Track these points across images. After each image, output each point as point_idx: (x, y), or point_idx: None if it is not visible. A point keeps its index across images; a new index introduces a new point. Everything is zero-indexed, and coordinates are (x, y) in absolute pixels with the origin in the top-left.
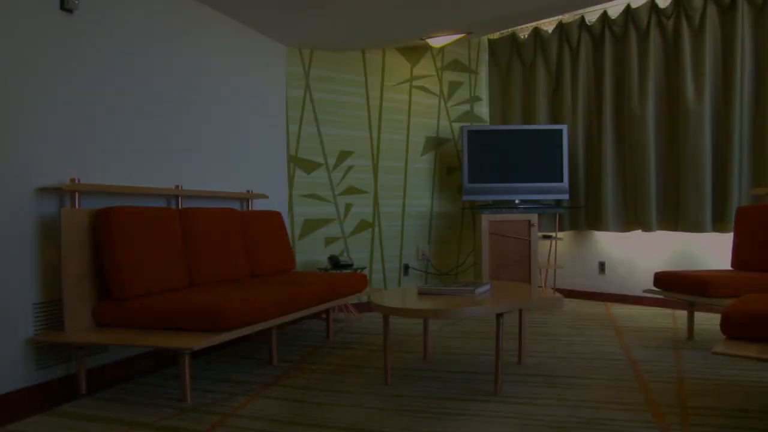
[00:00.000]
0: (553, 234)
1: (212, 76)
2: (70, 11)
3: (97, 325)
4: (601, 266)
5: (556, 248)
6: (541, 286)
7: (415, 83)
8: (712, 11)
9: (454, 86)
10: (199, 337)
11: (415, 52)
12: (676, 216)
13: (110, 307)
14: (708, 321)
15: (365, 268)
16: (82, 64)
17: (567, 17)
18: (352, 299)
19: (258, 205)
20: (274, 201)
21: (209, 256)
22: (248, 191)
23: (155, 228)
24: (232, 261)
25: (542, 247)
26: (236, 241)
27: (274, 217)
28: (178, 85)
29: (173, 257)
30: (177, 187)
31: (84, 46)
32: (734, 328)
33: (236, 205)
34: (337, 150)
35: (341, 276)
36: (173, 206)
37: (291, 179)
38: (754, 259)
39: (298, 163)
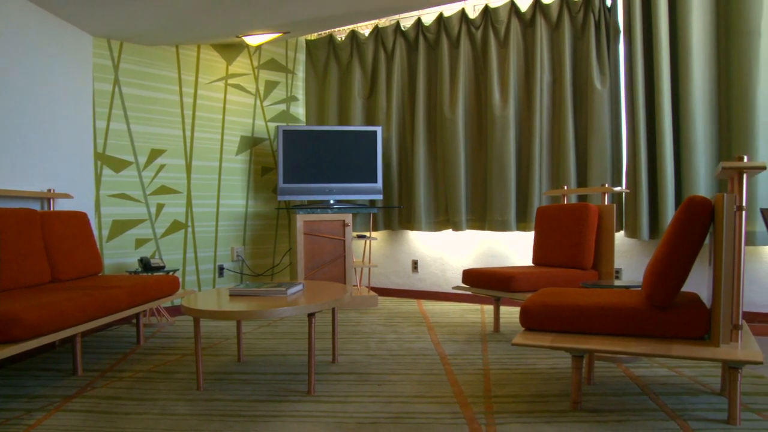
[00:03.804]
0: (368, 233)
1: (7, 65)
2: None
3: None
4: (414, 265)
5: (370, 248)
6: (356, 285)
7: (230, 81)
8: (515, 25)
9: (270, 86)
10: None
11: (231, 49)
12: (483, 216)
13: None
14: (513, 314)
15: (178, 270)
16: None
17: (383, 22)
18: (165, 302)
19: (61, 206)
20: (80, 201)
21: (2, 261)
22: (49, 190)
23: None
24: (29, 265)
25: (357, 247)
26: (35, 244)
27: (78, 218)
28: None
29: None
30: None
31: None
32: (531, 320)
33: (36, 206)
34: (148, 148)
35: (152, 279)
36: None
37: (98, 178)
38: (551, 255)
39: (105, 161)
